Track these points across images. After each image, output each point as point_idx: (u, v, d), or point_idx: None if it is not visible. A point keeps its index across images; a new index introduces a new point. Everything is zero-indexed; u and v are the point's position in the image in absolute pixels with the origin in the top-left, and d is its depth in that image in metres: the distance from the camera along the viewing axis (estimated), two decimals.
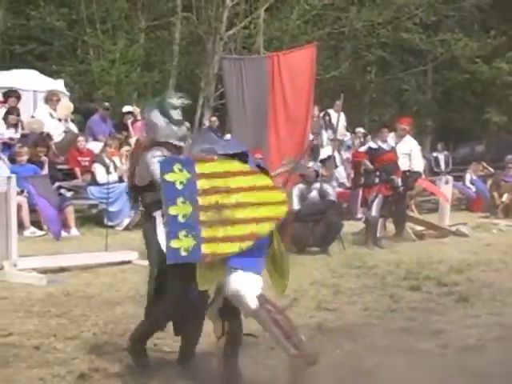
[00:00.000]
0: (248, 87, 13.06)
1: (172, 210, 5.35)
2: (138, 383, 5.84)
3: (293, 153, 13.28)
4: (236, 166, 5.49)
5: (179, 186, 5.35)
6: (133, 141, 16.09)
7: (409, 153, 14.24)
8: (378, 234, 13.30)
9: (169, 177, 5.39)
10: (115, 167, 14.43)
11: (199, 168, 5.39)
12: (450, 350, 6.88)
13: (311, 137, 16.44)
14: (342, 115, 17.89)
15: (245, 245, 5.31)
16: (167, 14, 23.92)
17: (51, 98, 15.43)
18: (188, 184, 5.37)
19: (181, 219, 5.33)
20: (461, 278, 10.37)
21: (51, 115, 15.36)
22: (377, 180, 13.45)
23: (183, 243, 5.31)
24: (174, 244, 5.31)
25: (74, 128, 16.27)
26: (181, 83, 24.45)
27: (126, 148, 15.12)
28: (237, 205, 5.38)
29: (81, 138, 15.15)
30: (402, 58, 30.74)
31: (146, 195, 6.08)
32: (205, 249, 5.30)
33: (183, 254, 5.31)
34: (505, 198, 18.82)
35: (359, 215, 14.90)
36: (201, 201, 5.37)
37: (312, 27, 24.65)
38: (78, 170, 14.77)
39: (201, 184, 5.38)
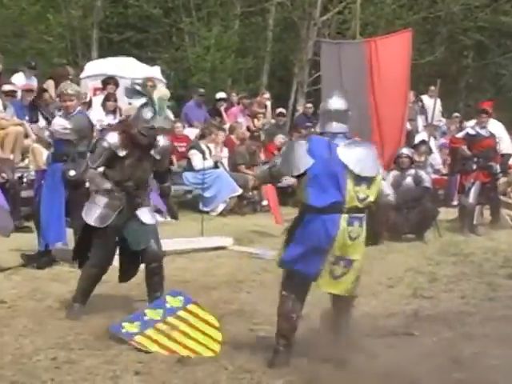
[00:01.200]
0: (346, 72, 12.97)
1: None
2: (235, 366, 5.88)
3: (393, 139, 13.26)
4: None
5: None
6: (227, 127, 16.24)
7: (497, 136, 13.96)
8: (474, 221, 13.11)
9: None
10: (210, 153, 14.56)
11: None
12: None
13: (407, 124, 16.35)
14: (438, 101, 17.64)
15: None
16: (262, 0, 23.96)
17: (146, 84, 15.59)
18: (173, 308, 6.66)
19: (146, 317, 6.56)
20: None
21: None
22: (475, 166, 13.26)
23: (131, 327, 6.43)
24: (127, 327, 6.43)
25: (169, 114, 16.43)
26: (274, 69, 24.47)
27: (222, 134, 15.23)
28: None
29: (178, 124, 15.29)
30: (499, 42, 30.10)
31: None
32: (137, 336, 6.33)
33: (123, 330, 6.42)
34: None
35: (455, 202, 14.69)
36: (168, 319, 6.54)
37: (407, 11, 24.32)
38: (174, 157, 14.92)
39: (180, 312, 6.63)
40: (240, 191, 14.46)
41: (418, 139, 16.65)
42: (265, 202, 14.50)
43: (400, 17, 23.97)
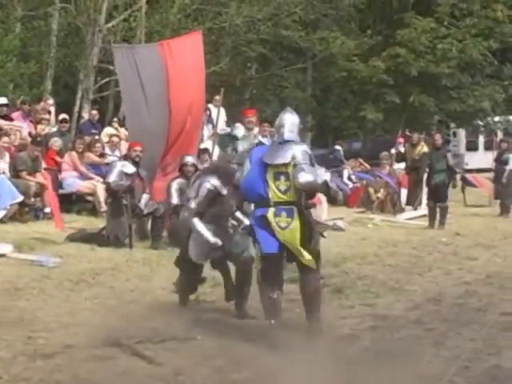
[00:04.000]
0: (145, 74, 12.91)
1: None
2: (11, 375, 5.72)
3: (185, 145, 13.33)
4: None
5: None
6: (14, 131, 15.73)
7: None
8: None
9: None
10: None
11: None
12: (325, 340, 7.00)
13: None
14: (223, 110, 17.94)
15: None
16: (45, 4, 23.44)
17: None
18: None
19: None
20: (336, 270, 10.58)
21: None
22: None
23: None
24: None
25: None
26: (59, 75, 24.02)
27: (5, 139, 14.73)
28: None
29: None
30: (281, 55, 31.06)
31: None
32: None
33: None
34: (380, 193, 19.29)
35: None
36: None
37: (192, 22, 24.55)
38: None
39: None
40: (21, 198, 14.05)
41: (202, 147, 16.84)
42: (47, 209, 14.19)
43: (185, 26, 24.17)
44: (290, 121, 7.32)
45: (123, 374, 5.85)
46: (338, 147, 24.32)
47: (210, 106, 19.55)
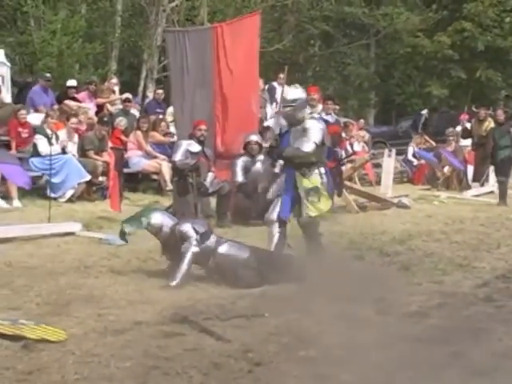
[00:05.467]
0: (192, 59, 13.05)
1: None
2: (83, 351, 5.82)
3: (242, 125, 13.39)
4: None
5: None
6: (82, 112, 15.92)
7: None
8: None
9: None
10: (57, 139, 14.28)
11: None
12: (392, 317, 6.98)
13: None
14: (286, 88, 17.86)
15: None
16: None
17: None
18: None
19: None
20: (402, 248, 10.51)
21: None
22: None
23: None
24: None
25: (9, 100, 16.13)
26: (123, 55, 24.27)
27: (73, 120, 14.95)
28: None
29: (23, 111, 14.90)
30: (344, 32, 30.90)
31: None
32: None
33: None
34: (446, 170, 19.10)
35: None
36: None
37: (255, 0, 24.58)
38: (13, 143, 14.52)
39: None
40: (89, 177, 14.24)
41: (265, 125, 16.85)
42: None
43: (248, 5, 24.18)
44: None
45: (192, 350, 5.90)
46: (424, 112, 24.05)
47: (275, 84, 19.51)
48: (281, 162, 9.66)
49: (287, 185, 9.09)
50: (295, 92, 9.35)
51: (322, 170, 9.04)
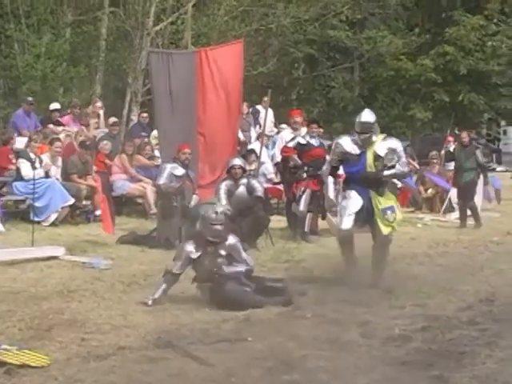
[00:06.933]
0: (175, 82, 13.07)
1: None
2: (65, 376, 5.79)
3: (225, 150, 13.45)
4: None
5: None
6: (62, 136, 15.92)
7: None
8: (305, 229, 13.39)
9: None
10: (41, 162, 14.25)
11: None
12: (376, 341, 6.99)
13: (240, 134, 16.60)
14: (270, 111, 17.96)
15: None
16: (94, 9, 23.71)
17: None
18: None
19: None
20: (386, 271, 10.51)
21: None
22: (305, 175, 13.54)
23: None
24: None
25: None
26: (108, 79, 24.24)
27: (57, 144, 14.92)
28: None
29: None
30: (328, 55, 31.08)
31: None
32: None
33: None
34: (429, 192, 19.14)
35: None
36: None
37: (239, 23, 24.66)
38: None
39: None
40: (72, 201, 14.21)
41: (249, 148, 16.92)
42: (98, 212, 14.31)
43: (232, 28, 24.27)
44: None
45: (176, 375, 5.89)
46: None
47: (259, 107, 19.59)
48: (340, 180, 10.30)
49: (358, 201, 9.33)
50: (372, 115, 9.53)
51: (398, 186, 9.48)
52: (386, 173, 9.36)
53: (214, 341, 6.79)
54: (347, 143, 9.49)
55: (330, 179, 9.80)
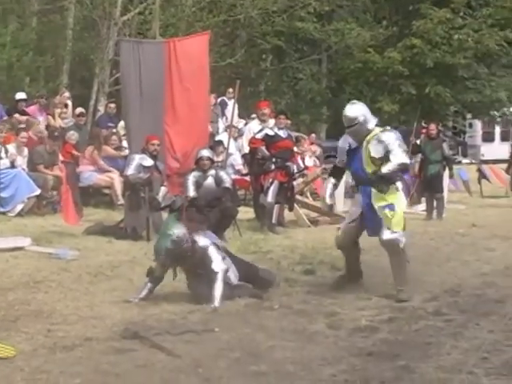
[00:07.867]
0: (145, 71, 13.03)
1: None
2: (32, 367, 5.76)
3: (192, 140, 13.42)
4: None
5: None
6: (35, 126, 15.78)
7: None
8: (273, 220, 13.42)
9: None
10: (6, 152, 14.14)
11: None
12: (343, 331, 7.02)
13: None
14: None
15: None
16: None
17: None
18: None
19: None
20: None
21: None
22: (273, 166, 13.55)
23: None
24: None
25: None
26: (75, 69, 24.08)
27: (23, 134, 14.80)
28: None
29: None
30: (296, 47, 31.07)
31: None
32: None
33: None
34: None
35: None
36: None
37: (207, 14, 24.58)
38: None
39: None
40: (39, 191, 14.13)
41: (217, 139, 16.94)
42: None
43: (200, 19, 24.21)
44: None
45: (143, 366, 5.88)
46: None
47: (225, 98, 19.57)
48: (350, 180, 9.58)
49: (360, 203, 8.85)
50: (356, 108, 9.14)
51: (399, 184, 8.85)
52: (387, 168, 8.79)
53: (181, 332, 6.78)
54: (343, 141, 9.26)
55: (331, 180, 9.37)
